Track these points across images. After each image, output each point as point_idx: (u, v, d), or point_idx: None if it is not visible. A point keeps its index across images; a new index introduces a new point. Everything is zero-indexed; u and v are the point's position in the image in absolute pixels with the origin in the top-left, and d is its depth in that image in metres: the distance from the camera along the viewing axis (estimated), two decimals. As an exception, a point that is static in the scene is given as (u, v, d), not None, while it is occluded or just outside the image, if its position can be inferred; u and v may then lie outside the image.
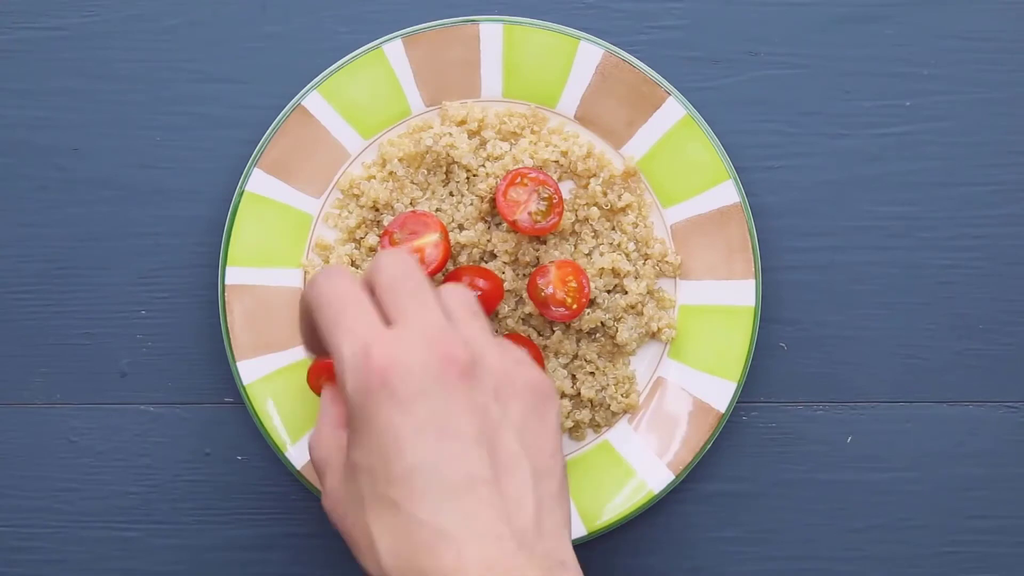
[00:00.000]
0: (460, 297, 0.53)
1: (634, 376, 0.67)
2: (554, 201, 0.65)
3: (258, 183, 0.66)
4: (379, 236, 0.66)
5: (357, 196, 0.67)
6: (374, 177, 0.67)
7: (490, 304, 0.65)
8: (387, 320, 0.51)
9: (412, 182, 0.67)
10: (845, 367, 0.68)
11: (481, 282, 0.65)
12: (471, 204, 0.66)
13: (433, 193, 0.67)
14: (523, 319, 0.67)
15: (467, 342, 0.50)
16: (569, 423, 0.67)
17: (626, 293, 0.67)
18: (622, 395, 0.66)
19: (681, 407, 0.66)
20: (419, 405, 0.49)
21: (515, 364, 0.52)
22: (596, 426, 0.67)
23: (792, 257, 0.68)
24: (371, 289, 0.52)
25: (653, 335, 0.67)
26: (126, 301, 0.68)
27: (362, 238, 0.67)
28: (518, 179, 0.65)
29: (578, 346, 0.67)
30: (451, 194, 0.67)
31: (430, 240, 0.65)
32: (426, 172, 0.67)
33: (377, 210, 0.67)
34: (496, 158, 0.66)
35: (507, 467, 0.49)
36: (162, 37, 0.68)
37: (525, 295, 0.66)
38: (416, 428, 0.48)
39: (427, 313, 0.51)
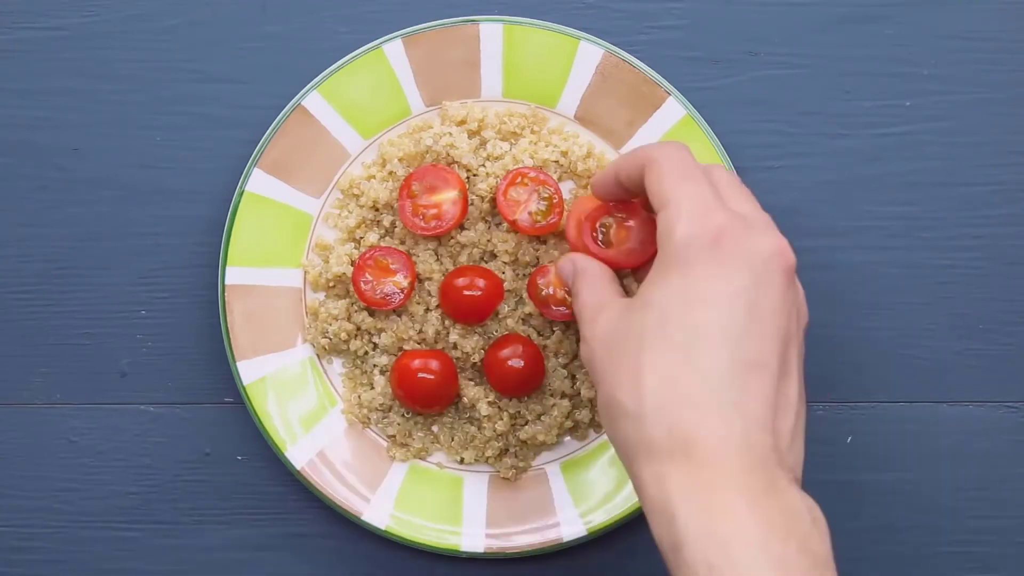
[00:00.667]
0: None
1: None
2: (554, 201, 0.65)
3: (258, 183, 0.66)
4: (396, 193, 0.66)
5: (357, 196, 0.67)
6: (374, 177, 0.67)
7: (490, 304, 0.65)
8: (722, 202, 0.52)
9: (412, 182, 0.67)
10: (845, 367, 0.68)
11: (481, 282, 0.65)
12: (471, 204, 0.66)
13: (433, 193, 0.67)
14: (523, 319, 0.67)
15: (794, 253, 0.52)
16: (569, 423, 0.67)
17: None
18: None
19: (681, 407, 0.66)
20: (742, 275, 0.50)
21: (804, 297, 0.54)
22: (596, 426, 0.67)
23: (792, 257, 0.68)
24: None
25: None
26: (126, 301, 0.68)
27: (362, 238, 0.67)
28: (518, 179, 0.65)
29: (578, 346, 0.67)
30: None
31: (448, 196, 0.65)
32: (426, 172, 0.67)
33: (377, 210, 0.67)
34: (496, 158, 0.66)
35: (787, 374, 0.51)
36: (162, 37, 0.68)
37: (525, 295, 0.66)
38: (731, 293, 0.50)
39: (764, 215, 0.53)
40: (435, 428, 0.68)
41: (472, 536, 0.66)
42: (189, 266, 0.68)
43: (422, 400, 0.66)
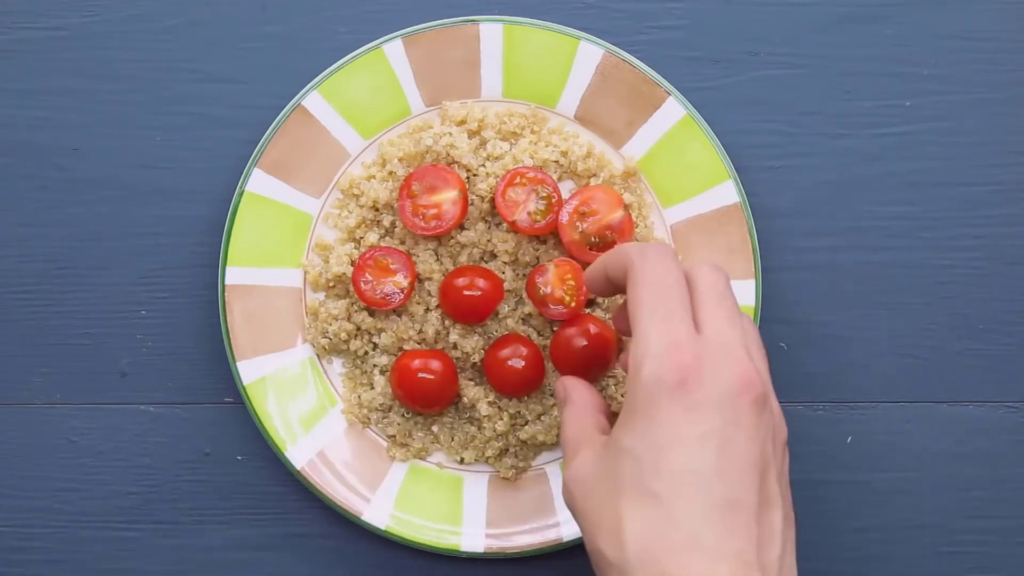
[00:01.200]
0: (755, 330, 0.55)
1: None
2: (553, 200, 0.65)
3: (258, 183, 0.66)
4: (396, 194, 0.66)
5: (357, 196, 0.67)
6: (374, 177, 0.67)
7: (490, 304, 0.65)
8: (695, 322, 0.52)
9: (412, 182, 0.67)
10: (845, 367, 0.68)
11: (481, 282, 0.65)
12: (471, 204, 0.66)
13: (433, 193, 0.67)
14: (523, 319, 0.67)
15: (762, 374, 0.52)
16: (569, 423, 0.67)
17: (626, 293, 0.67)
18: (622, 395, 0.66)
19: (681, 407, 0.66)
20: (710, 414, 0.50)
21: (782, 416, 0.54)
22: (596, 426, 0.67)
23: (792, 257, 0.68)
24: (687, 283, 0.53)
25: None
26: (126, 301, 0.68)
27: (361, 238, 0.67)
28: (516, 179, 0.65)
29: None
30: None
31: (449, 196, 0.65)
32: (426, 172, 0.67)
33: (377, 210, 0.67)
34: (496, 158, 0.66)
35: (767, 503, 0.51)
36: (162, 37, 0.68)
37: (525, 295, 0.66)
38: (701, 435, 0.49)
39: (735, 334, 0.52)
40: (435, 428, 0.68)
41: (472, 536, 0.66)
42: (189, 266, 0.68)
43: (422, 400, 0.66)
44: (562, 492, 0.54)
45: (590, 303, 0.66)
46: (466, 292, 0.65)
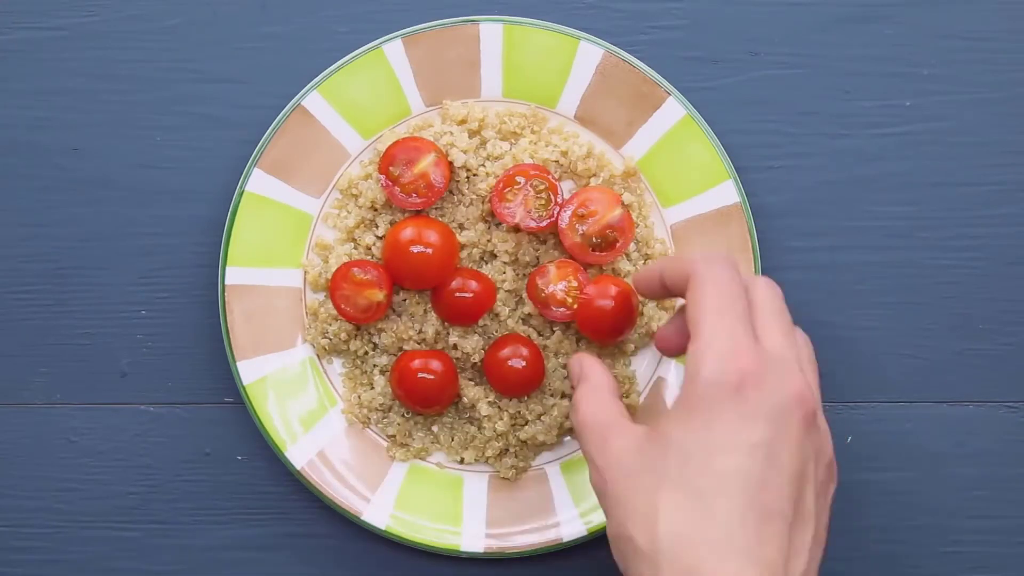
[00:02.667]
0: (810, 347, 0.56)
1: (634, 376, 0.67)
2: (549, 196, 0.65)
3: (258, 183, 0.66)
4: (382, 180, 0.66)
5: (356, 196, 0.67)
6: (371, 176, 0.67)
7: (481, 307, 0.65)
8: (754, 336, 0.53)
9: (412, 182, 0.67)
10: (845, 367, 0.68)
11: (473, 284, 0.65)
12: (471, 204, 0.66)
13: (433, 193, 0.67)
14: (523, 319, 0.67)
15: (815, 392, 0.53)
16: (569, 423, 0.67)
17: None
18: (622, 395, 0.66)
19: (681, 407, 0.66)
20: (762, 424, 0.51)
21: (828, 435, 0.54)
22: (596, 426, 0.67)
23: (792, 257, 0.68)
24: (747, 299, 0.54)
25: (653, 335, 0.67)
26: (126, 301, 0.68)
27: (360, 238, 0.67)
28: (511, 183, 0.65)
29: (578, 346, 0.67)
30: (451, 193, 0.67)
31: (428, 161, 0.65)
32: (426, 172, 0.67)
33: (376, 210, 0.67)
34: (496, 158, 0.66)
35: (801, 519, 0.51)
36: (162, 37, 0.68)
37: (525, 295, 0.66)
38: (752, 443, 0.50)
39: (792, 349, 0.53)
40: (435, 428, 0.68)
41: (472, 536, 0.66)
42: (189, 266, 0.68)
43: (422, 400, 0.66)
44: (591, 475, 0.54)
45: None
46: (457, 295, 0.65)
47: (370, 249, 0.67)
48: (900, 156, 0.69)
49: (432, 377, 0.65)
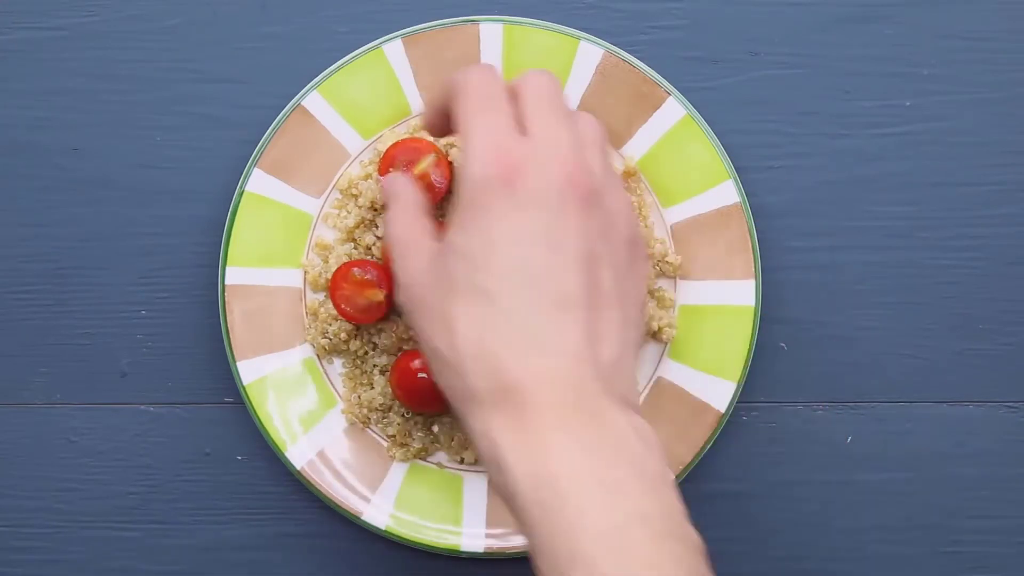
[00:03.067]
0: (594, 129, 0.54)
1: (634, 376, 0.67)
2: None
3: (258, 183, 0.66)
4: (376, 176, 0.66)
5: (356, 196, 0.67)
6: (371, 176, 0.67)
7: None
8: (521, 129, 0.52)
9: (412, 182, 0.67)
10: (845, 367, 0.68)
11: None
12: (471, 204, 0.66)
13: (433, 193, 0.67)
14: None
15: (593, 171, 0.52)
16: (569, 423, 0.67)
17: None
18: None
19: (681, 407, 0.66)
20: (537, 212, 0.50)
21: (627, 209, 0.53)
22: (596, 426, 0.67)
23: (792, 257, 0.68)
24: (513, 97, 0.53)
25: (653, 335, 0.67)
26: (126, 301, 0.68)
27: (360, 238, 0.67)
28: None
29: (578, 346, 0.67)
30: (451, 193, 0.67)
31: (428, 162, 0.65)
32: (426, 172, 0.67)
33: (375, 210, 0.67)
34: (496, 158, 0.66)
35: (601, 303, 0.50)
36: (162, 37, 0.69)
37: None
38: (530, 232, 0.50)
39: (563, 133, 0.52)
40: (435, 428, 0.68)
41: (472, 536, 0.66)
42: (189, 266, 0.68)
43: (422, 400, 0.66)
44: (396, 297, 0.54)
45: None
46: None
47: (370, 249, 0.67)
48: (900, 156, 0.69)
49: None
